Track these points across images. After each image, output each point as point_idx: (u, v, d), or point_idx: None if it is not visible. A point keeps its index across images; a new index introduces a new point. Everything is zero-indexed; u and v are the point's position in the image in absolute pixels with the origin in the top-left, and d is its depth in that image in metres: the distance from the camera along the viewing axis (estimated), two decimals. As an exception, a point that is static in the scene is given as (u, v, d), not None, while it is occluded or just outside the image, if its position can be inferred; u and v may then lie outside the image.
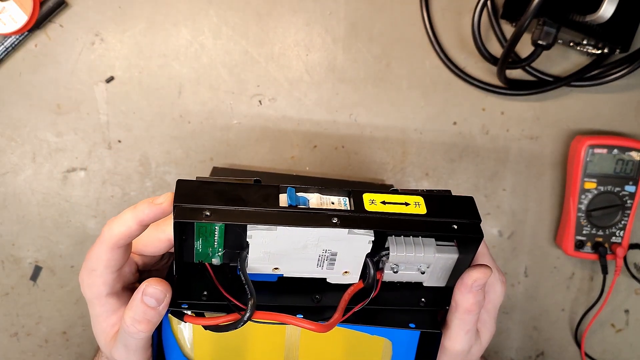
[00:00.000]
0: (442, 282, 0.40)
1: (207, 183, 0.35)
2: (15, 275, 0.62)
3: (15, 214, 0.61)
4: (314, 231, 0.35)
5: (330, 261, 0.38)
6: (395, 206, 0.36)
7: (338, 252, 0.37)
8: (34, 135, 0.60)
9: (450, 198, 0.38)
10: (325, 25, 0.60)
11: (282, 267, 0.38)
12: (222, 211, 0.34)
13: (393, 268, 0.39)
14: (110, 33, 0.59)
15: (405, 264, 0.39)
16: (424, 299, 0.41)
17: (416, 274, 0.40)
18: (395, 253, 0.38)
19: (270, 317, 0.35)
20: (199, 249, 0.37)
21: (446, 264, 0.39)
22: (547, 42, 0.53)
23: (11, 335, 0.63)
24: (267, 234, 0.35)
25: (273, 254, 0.37)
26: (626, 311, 0.66)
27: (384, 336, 0.41)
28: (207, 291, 0.38)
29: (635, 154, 0.59)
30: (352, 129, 0.61)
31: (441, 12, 0.60)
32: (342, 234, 0.36)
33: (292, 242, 0.36)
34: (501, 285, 0.42)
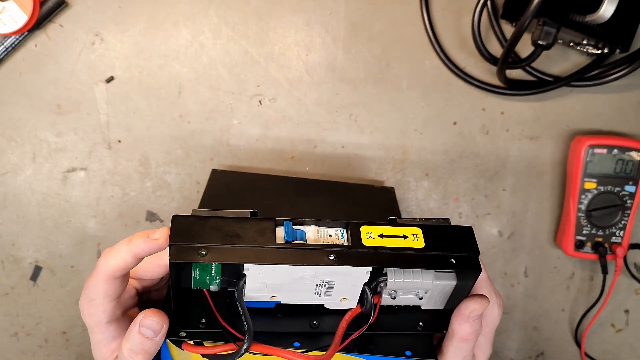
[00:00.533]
0: (440, 306, 0.41)
1: (203, 219, 0.35)
2: (15, 275, 0.62)
3: (15, 214, 0.61)
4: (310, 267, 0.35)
5: (327, 289, 0.38)
6: (393, 240, 0.36)
7: (336, 282, 0.37)
8: (34, 135, 0.60)
9: (449, 229, 0.38)
10: (325, 25, 0.60)
11: (280, 296, 0.38)
12: (218, 250, 0.34)
13: (391, 294, 0.39)
14: (110, 33, 0.59)
15: (403, 290, 0.39)
16: (422, 323, 0.41)
17: (414, 298, 0.40)
18: (394, 280, 0.38)
19: (267, 351, 0.35)
20: (196, 277, 0.37)
21: (444, 289, 0.39)
22: (547, 42, 0.53)
23: (11, 335, 0.63)
24: (263, 268, 0.35)
25: (270, 284, 0.37)
26: (626, 311, 0.66)
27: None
28: (205, 319, 0.38)
29: (635, 154, 0.59)
30: (352, 129, 0.61)
31: (441, 12, 0.60)
32: (339, 268, 0.36)
33: (289, 275, 0.36)
34: (498, 308, 0.42)
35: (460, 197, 0.63)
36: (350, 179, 0.62)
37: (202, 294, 0.38)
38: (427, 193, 0.63)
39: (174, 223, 0.35)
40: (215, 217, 0.35)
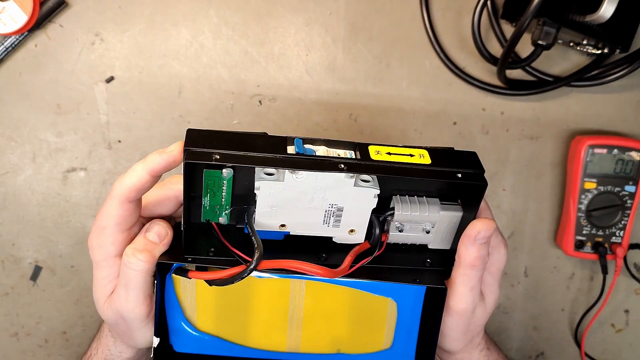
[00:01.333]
0: (447, 245, 0.41)
1: (217, 132, 0.36)
2: (15, 275, 0.62)
3: (15, 214, 0.61)
4: (320, 179, 0.36)
5: (336, 217, 0.38)
6: (400, 157, 0.37)
7: (344, 207, 0.37)
8: (34, 135, 0.60)
9: (454, 152, 0.39)
10: (325, 25, 0.60)
11: (289, 224, 0.38)
12: (232, 155, 0.34)
13: (398, 227, 0.39)
14: (110, 33, 0.59)
15: (410, 222, 0.39)
16: (430, 260, 0.41)
17: (421, 235, 0.40)
18: (401, 212, 0.38)
19: (276, 265, 0.35)
20: (206, 205, 0.37)
21: (451, 222, 0.39)
22: (547, 42, 0.53)
23: (11, 335, 0.63)
24: (274, 185, 0.36)
25: (280, 208, 0.37)
26: (626, 311, 0.66)
27: (389, 296, 0.41)
28: (214, 248, 0.38)
29: (635, 154, 0.59)
30: (352, 128, 0.61)
31: (441, 12, 0.60)
32: (349, 186, 0.36)
33: (299, 193, 0.36)
34: (504, 247, 0.42)
35: (460, 197, 0.63)
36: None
37: (211, 228, 0.38)
38: (427, 193, 0.63)
39: (189, 134, 0.35)
40: (229, 131, 0.36)
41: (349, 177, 0.36)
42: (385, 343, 0.42)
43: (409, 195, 0.39)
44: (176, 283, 0.40)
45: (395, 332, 0.41)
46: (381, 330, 0.41)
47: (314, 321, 0.41)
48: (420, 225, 0.40)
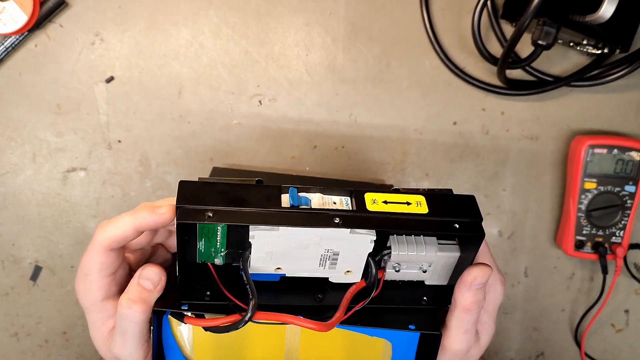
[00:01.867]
0: (444, 281, 0.40)
1: (209, 184, 0.35)
2: (15, 275, 0.62)
3: (15, 214, 0.61)
4: (316, 231, 0.35)
5: (332, 260, 0.38)
6: (397, 205, 0.37)
7: (340, 252, 0.37)
8: (34, 135, 0.60)
9: (452, 197, 0.38)
10: (325, 25, 0.60)
11: (285, 267, 0.38)
12: (225, 212, 0.34)
13: (395, 267, 0.39)
14: (111, 33, 0.59)
15: (407, 262, 0.39)
16: (426, 297, 0.41)
17: (418, 273, 0.40)
18: (397, 252, 0.38)
19: (271, 318, 0.35)
20: (201, 249, 0.37)
21: (448, 262, 0.39)
22: (547, 42, 0.53)
23: (11, 335, 0.63)
24: (269, 234, 0.35)
25: (275, 253, 0.37)
26: (626, 311, 0.66)
27: (383, 337, 0.41)
28: (210, 291, 0.38)
29: (635, 154, 0.59)
30: (352, 129, 0.61)
31: (441, 12, 0.60)
32: (344, 233, 0.36)
33: (295, 241, 0.36)
34: (501, 285, 0.42)
35: (460, 197, 0.63)
36: (350, 178, 0.62)
37: (207, 269, 0.38)
38: (427, 193, 0.63)
39: (181, 188, 0.35)
40: (221, 182, 0.36)
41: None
42: None
43: (406, 235, 0.39)
44: (172, 322, 0.40)
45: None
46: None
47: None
48: (417, 265, 0.39)
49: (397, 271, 0.39)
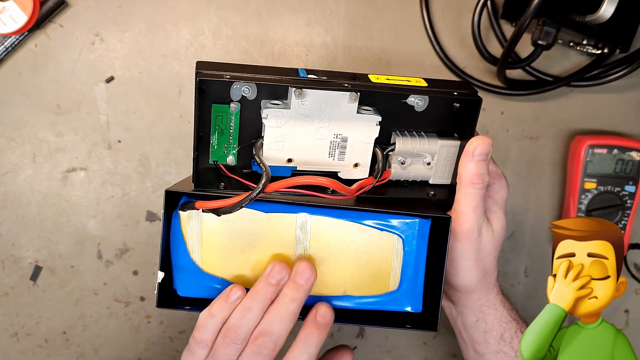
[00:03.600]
0: (448, 179, 0.43)
1: (226, 64, 0.38)
2: (15, 275, 0.62)
3: (15, 214, 0.61)
4: (325, 107, 0.38)
5: (341, 149, 0.40)
6: (398, 81, 0.41)
7: (348, 138, 0.39)
8: (34, 135, 0.60)
9: (448, 80, 0.43)
10: (325, 25, 0.60)
11: (296, 158, 0.40)
12: (241, 76, 0.37)
13: (400, 161, 0.41)
14: (111, 33, 0.59)
15: (411, 156, 0.41)
16: (432, 192, 0.43)
17: (423, 169, 0.42)
18: (401, 145, 0.40)
19: (283, 184, 0.37)
20: (214, 145, 0.39)
21: (449, 154, 0.42)
22: (547, 42, 0.53)
23: (11, 335, 0.63)
24: (281, 113, 0.38)
25: (287, 140, 0.39)
26: (626, 311, 0.66)
27: (393, 232, 0.41)
28: (223, 183, 0.40)
29: (635, 154, 0.59)
30: (352, 129, 0.61)
31: (441, 12, 0.60)
32: (352, 112, 0.38)
33: (305, 122, 0.38)
34: (504, 178, 0.45)
35: (460, 197, 0.63)
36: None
37: (219, 170, 0.40)
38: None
39: (199, 65, 0.38)
40: (237, 63, 0.39)
41: (352, 101, 0.38)
42: (392, 285, 0.42)
43: (408, 132, 0.41)
44: (183, 224, 0.40)
45: (401, 272, 0.42)
46: (387, 270, 0.42)
47: (320, 263, 0.41)
48: (421, 159, 0.42)
49: (403, 164, 0.41)
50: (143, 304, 0.62)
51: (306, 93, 0.37)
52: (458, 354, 0.65)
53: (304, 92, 0.37)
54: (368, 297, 0.42)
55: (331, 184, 0.37)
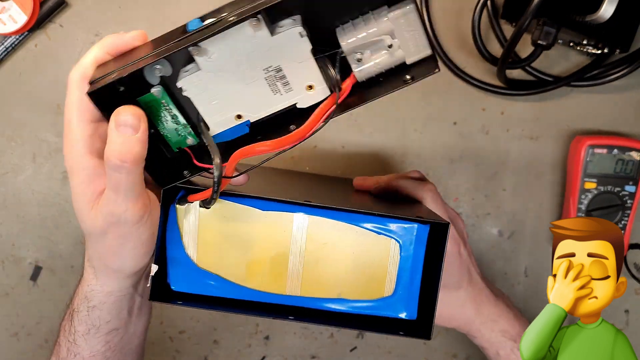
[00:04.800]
0: (425, 49, 0.35)
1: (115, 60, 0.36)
2: (15, 275, 0.62)
3: (15, 214, 0.61)
4: (233, 47, 0.33)
5: (282, 80, 0.35)
6: None
7: (281, 65, 0.34)
8: (34, 135, 0.60)
9: None
10: (325, 25, 0.60)
11: (243, 111, 0.36)
12: (128, 64, 0.34)
13: (356, 57, 0.34)
14: (110, 33, 0.59)
15: (366, 48, 0.34)
16: (410, 76, 0.36)
17: (387, 54, 0.35)
18: (346, 40, 0.34)
19: (244, 153, 0.35)
20: (167, 135, 0.37)
21: (409, 21, 0.34)
22: (547, 42, 0.53)
23: (11, 335, 0.63)
24: (195, 77, 0.34)
25: (220, 99, 0.35)
26: (626, 311, 0.66)
27: (390, 237, 0.40)
28: (187, 170, 0.38)
29: (635, 154, 0.59)
30: (352, 129, 0.61)
31: (441, 12, 0.60)
32: (266, 39, 0.33)
33: (226, 72, 0.34)
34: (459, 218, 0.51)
35: (460, 197, 0.63)
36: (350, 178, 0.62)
37: (185, 154, 0.38)
38: (427, 193, 0.63)
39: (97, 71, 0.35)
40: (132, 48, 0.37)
41: (257, 28, 0.32)
42: (387, 290, 0.41)
43: (353, 20, 0.34)
44: (179, 218, 0.40)
45: (397, 277, 0.41)
46: (383, 275, 0.41)
47: (315, 264, 0.41)
48: (381, 44, 0.34)
49: (359, 61, 0.34)
50: (143, 304, 0.62)
51: (205, 46, 0.33)
52: (458, 354, 0.65)
53: (202, 48, 0.33)
54: (362, 301, 0.41)
55: (272, 145, 0.34)
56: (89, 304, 0.42)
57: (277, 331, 0.63)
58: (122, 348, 0.44)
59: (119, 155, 0.33)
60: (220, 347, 0.63)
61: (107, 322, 0.42)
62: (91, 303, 0.42)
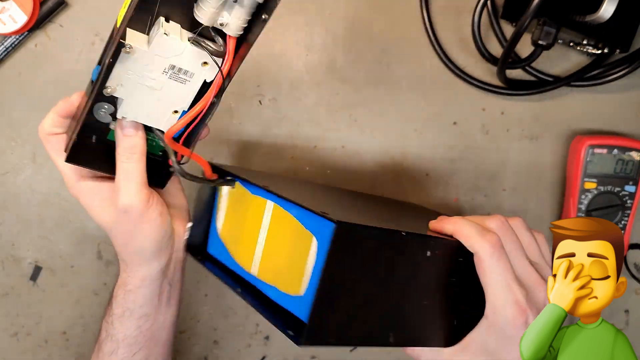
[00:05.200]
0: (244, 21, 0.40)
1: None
2: (15, 275, 0.62)
3: (15, 214, 0.61)
4: (127, 69, 0.38)
5: (180, 72, 0.40)
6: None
7: (172, 63, 0.39)
8: (34, 135, 0.59)
9: None
10: (325, 25, 0.60)
11: (175, 107, 0.42)
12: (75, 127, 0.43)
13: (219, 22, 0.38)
14: (110, 33, 0.59)
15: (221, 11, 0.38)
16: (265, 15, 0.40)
17: (239, 6, 0.38)
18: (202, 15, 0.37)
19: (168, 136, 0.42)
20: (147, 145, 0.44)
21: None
22: (547, 42, 0.53)
23: (11, 335, 0.63)
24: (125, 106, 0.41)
25: (153, 108, 0.41)
26: (626, 311, 0.66)
27: (311, 230, 0.38)
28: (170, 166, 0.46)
29: (635, 154, 0.59)
30: (352, 129, 0.61)
31: (441, 12, 0.60)
32: (146, 52, 0.38)
33: (139, 90, 0.40)
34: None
35: (460, 197, 0.63)
36: (350, 179, 0.62)
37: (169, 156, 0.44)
38: (427, 193, 0.63)
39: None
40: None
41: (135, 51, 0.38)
42: (302, 288, 0.38)
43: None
44: (218, 196, 0.49)
45: (311, 275, 0.37)
46: (300, 273, 0.38)
47: (269, 248, 0.42)
48: (229, 3, 0.38)
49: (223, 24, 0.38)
50: (143, 304, 0.62)
51: (110, 85, 0.39)
52: (458, 354, 0.65)
53: (109, 88, 0.39)
54: (289, 295, 0.39)
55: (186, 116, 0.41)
56: (126, 288, 0.47)
57: (277, 331, 0.63)
58: (151, 335, 0.49)
59: (129, 149, 0.42)
60: (220, 347, 0.64)
61: (140, 307, 0.48)
62: (127, 287, 0.47)
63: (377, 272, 0.36)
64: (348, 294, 0.35)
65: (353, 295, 0.36)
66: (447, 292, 0.40)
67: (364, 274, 0.36)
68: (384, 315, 0.37)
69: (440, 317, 0.40)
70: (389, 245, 0.36)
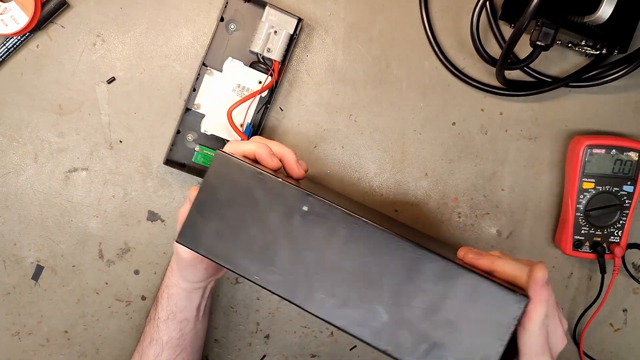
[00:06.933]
0: (292, 19, 0.57)
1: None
2: (16, 274, 0.62)
3: (17, 213, 0.61)
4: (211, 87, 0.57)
5: (242, 89, 0.57)
6: None
7: (237, 82, 0.58)
8: (36, 135, 0.60)
9: None
10: (325, 26, 0.60)
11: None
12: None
13: (266, 48, 0.57)
14: (112, 34, 0.59)
15: (266, 42, 0.57)
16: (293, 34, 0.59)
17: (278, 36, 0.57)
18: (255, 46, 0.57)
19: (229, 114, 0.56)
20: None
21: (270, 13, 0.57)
22: (546, 43, 0.53)
23: (13, 335, 0.63)
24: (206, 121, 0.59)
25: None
26: (624, 310, 0.66)
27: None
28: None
29: (633, 154, 0.59)
30: (352, 129, 0.62)
31: (440, 13, 0.60)
32: (221, 75, 0.57)
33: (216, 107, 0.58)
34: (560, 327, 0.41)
35: (460, 197, 0.63)
36: (349, 179, 0.62)
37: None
38: (426, 193, 0.63)
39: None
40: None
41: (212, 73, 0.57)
42: None
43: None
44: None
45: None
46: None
47: None
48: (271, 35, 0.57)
49: (270, 50, 0.56)
50: (144, 303, 0.63)
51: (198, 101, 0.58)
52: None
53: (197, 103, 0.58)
54: None
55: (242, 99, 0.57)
56: (169, 291, 0.54)
57: (278, 330, 0.64)
58: (190, 340, 0.55)
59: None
60: (221, 346, 0.64)
61: (181, 311, 0.54)
62: (171, 290, 0.54)
63: (251, 208, 0.40)
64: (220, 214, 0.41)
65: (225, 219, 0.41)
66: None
67: (238, 205, 0.41)
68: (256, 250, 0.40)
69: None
70: (261, 189, 0.41)
